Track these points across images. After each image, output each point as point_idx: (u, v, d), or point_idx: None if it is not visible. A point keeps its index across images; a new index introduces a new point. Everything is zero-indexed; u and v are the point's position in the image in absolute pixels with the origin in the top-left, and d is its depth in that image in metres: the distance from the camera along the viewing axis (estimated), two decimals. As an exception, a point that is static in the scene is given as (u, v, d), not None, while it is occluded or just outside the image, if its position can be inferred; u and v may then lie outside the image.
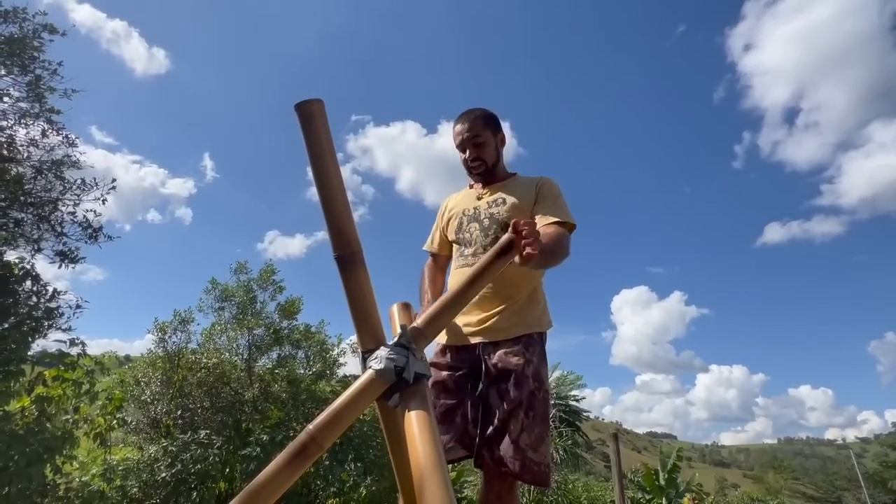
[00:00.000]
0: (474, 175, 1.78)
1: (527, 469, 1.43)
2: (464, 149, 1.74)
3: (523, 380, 1.52)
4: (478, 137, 1.72)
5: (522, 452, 1.44)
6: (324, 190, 0.90)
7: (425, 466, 0.74)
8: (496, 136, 1.77)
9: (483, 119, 1.75)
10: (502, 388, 1.51)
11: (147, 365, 7.15)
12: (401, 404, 0.85)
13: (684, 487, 8.50)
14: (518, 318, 1.60)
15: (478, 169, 1.74)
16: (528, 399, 1.50)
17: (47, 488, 3.90)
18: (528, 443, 1.46)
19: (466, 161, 1.75)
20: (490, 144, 1.75)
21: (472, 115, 1.75)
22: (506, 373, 1.52)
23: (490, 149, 1.75)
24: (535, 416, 1.49)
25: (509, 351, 1.54)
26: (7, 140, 4.46)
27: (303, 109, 0.88)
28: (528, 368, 1.54)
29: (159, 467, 5.36)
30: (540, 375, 1.56)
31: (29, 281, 4.21)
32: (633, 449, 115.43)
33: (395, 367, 0.85)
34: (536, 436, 1.48)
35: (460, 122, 1.75)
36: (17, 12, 4.51)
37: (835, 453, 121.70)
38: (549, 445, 1.54)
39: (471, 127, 1.72)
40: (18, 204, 4.44)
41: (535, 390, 1.52)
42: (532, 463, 1.45)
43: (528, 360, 1.55)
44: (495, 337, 1.57)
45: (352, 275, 0.90)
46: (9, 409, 3.90)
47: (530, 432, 1.47)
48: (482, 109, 1.78)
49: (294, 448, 0.78)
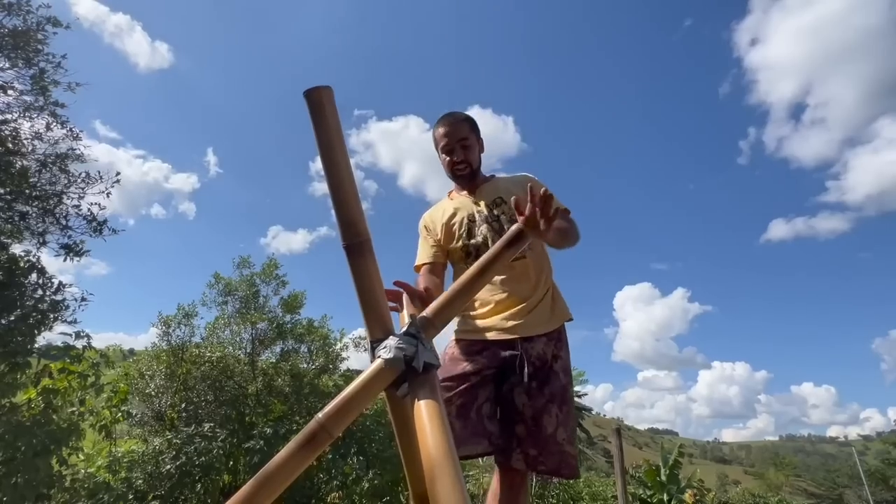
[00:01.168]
0: (458, 178, 1.75)
1: (565, 464, 1.45)
2: (450, 151, 1.70)
3: (553, 375, 1.53)
4: (465, 140, 1.70)
5: (560, 447, 1.46)
6: (333, 178, 0.89)
7: (436, 456, 0.74)
8: (479, 141, 1.76)
9: (469, 122, 1.74)
10: (533, 384, 1.50)
11: (151, 358, 7.20)
12: (410, 394, 0.84)
13: (685, 483, 8.50)
14: (550, 313, 1.62)
15: (462, 171, 1.71)
16: (560, 393, 1.51)
17: (54, 479, 3.93)
18: (565, 437, 1.48)
19: (451, 163, 1.71)
20: (475, 148, 1.73)
21: (458, 118, 1.73)
22: (539, 368, 1.53)
23: (475, 152, 1.74)
24: (568, 411, 1.52)
25: (544, 346, 1.56)
26: (12, 133, 4.46)
27: (312, 96, 0.87)
28: (558, 363, 1.56)
29: (164, 460, 5.40)
30: (568, 369, 1.59)
31: (34, 274, 4.23)
32: (635, 445, 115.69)
33: (405, 356, 0.84)
34: (571, 429, 1.51)
35: (445, 124, 1.72)
36: (21, 5, 4.51)
37: (837, 451, 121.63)
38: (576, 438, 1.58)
39: (458, 129, 1.70)
40: (23, 197, 4.45)
41: (566, 384, 1.54)
42: (569, 457, 1.47)
43: (556, 355, 1.57)
44: (529, 331, 1.56)
45: (361, 264, 0.89)
46: (15, 400, 3.93)
47: (566, 426, 1.49)
48: (464, 113, 1.76)
49: (304, 436, 0.78)
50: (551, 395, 1.50)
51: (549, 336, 1.58)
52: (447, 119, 1.73)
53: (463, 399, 1.50)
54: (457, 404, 1.49)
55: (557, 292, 1.70)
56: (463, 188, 1.78)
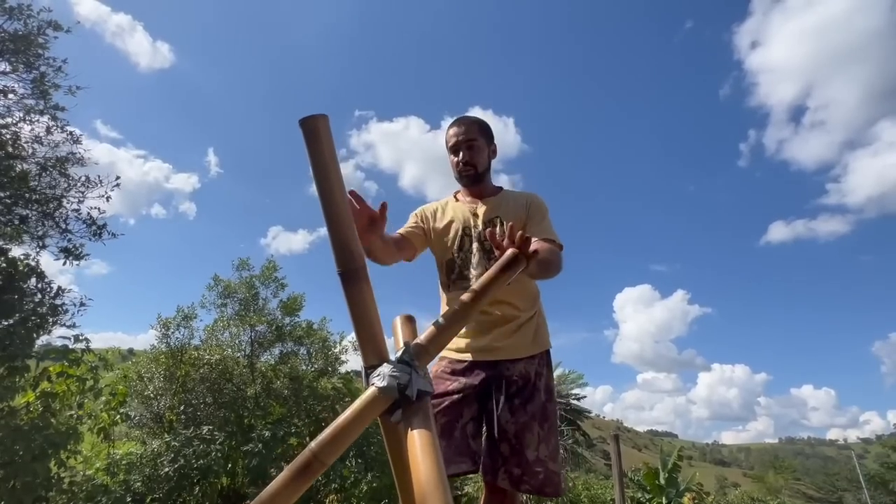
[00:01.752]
0: (462, 178, 1.74)
1: (549, 481, 1.46)
2: (457, 150, 1.72)
3: (536, 393, 1.55)
4: (473, 141, 1.71)
5: (543, 464, 1.46)
6: (328, 206, 0.89)
7: (427, 484, 0.74)
8: (489, 147, 1.76)
9: (479, 126, 1.75)
10: (515, 403, 1.52)
11: (150, 360, 7.20)
12: (403, 421, 0.85)
13: (684, 486, 8.50)
14: (534, 336, 1.63)
15: (467, 172, 1.71)
16: (541, 411, 1.53)
17: (52, 482, 3.93)
18: (547, 454, 1.48)
19: (457, 163, 1.72)
20: (483, 151, 1.73)
21: (468, 120, 1.75)
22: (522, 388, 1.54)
23: (483, 155, 1.74)
24: (549, 428, 1.52)
25: (526, 365, 1.58)
26: (12, 137, 4.47)
27: (307, 125, 0.88)
28: (540, 381, 1.58)
29: (162, 462, 5.40)
30: (550, 388, 1.60)
31: (34, 278, 4.24)
32: (634, 447, 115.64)
33: (398, 384, 0.85)
34: (553, 446, 1.52)
35: (456, 125, 1.74)
36: (23, 9, 4.51)
37: (836, 454, 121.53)
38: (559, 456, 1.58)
39: (467, 130, 1.71)
40: (23, 201, 4.46)
41: (546, 402, 1.56)
42: (553, 474, 1.48)
43: (538, 373, 1.59)
44: (511, 355, 1.58)
45: (355, 291, 0.90)
46: (14, 404, 3.93)
47: (548, 444, 1.50)
48: (479, 118, 1.78)
49: (297, 465, 0.78)
50: (533, 413, 1.51)
51: (532, 357, 1.60)
52: (459, 120, 1.75)
53: (447, 417, 1.51)
54: (441, 423, 1.49)
55: (542, 319, 1.71)
56: (468, 193, 1.78)
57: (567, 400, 14.99)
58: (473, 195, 1.77)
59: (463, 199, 1.79)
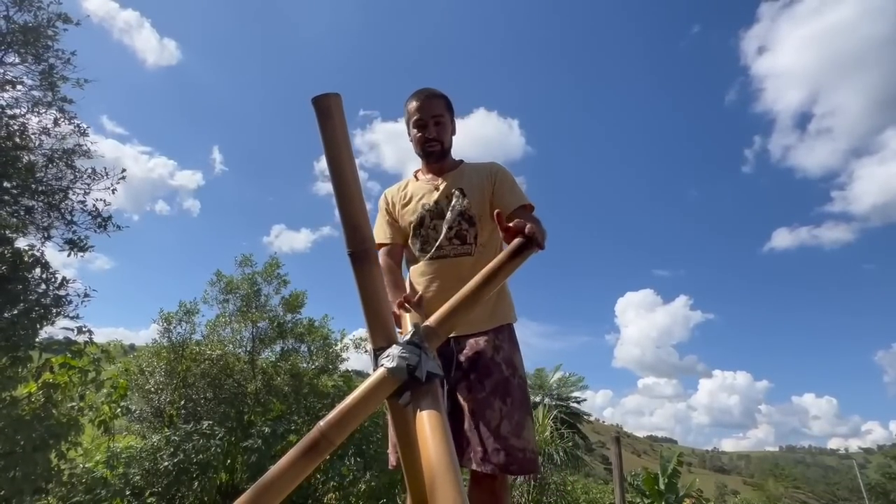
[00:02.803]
0: (427, 155, 1.70)
1: (512, 458, 1.37)
2: (423, 126, 1.66)
3: (494, 367, 1.47)
4: (440, 117, 1.66)
5: (504, 440, 1.38)
6: (339, 186, 0.89)
7: (437, 466, 0.74)
8: (452, 123, 1.73)
9: (445, 100, 1.70)
10: (472, 378, 1.46)
11: (152, 355, 7.21)
12: (412, 403, 0.84)
13: (684, 492, 8.46)
14: (489, 312, 1.57)
15: (433, 148, 1.67)
16: (503, 386, 1.45)
17: (52, 474, 3.93)
18: (510, 430, 1.40)
19: (422, 139, 1.67)
20: (448, 128, 1.70)
21: (433, 93, 1.68)
22: (475, 363, 1.48)
23: (448, 132, 1.70)
24: (513, 402, 1.44)
25: (478, 340, 1.52)
26: (20, 128, 4.49)
27: (320, 104, 0.88)
28: (499, 355, 1.50)
29: (162, 456, 5.39)
30: (513, 362, 1.52)
31: (38, 268, 4.24)
32: (634, 452, 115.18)
33: (408, 365, 0.84)
34: (517, 422, 1.42)
35: (419, 98, 1.67)
36: (32, 0, 4.54)
37: (837, 463, 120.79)
38: (532, 430, 1.48)
39: (434, 105, 1.66)
40: (30, 192, 4.47)
41: (509, 376, 1.48)
42: (516, 450, 1.38)
43: (497, 346, 1.51)
44: (466, 330, 1.53)
45: (365, 272, 0.89)
46: (16, 394, 3.94)
47: (510, 419, 1.42)
48: (440, 91, 1.71)
49: (305, 444, 0.78)
50: (493, 388, 1.44)
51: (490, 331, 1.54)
52: (422, 93, 1.67)
53: None
54: None
55: (504, 293, 1.65)
56: (430, 169, 1.74)
57: (567, 403, 14.95)
58: (433, 172, 1.73)
59: (423, 176, 1.76)
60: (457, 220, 1.60)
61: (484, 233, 1.62)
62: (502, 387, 1.45)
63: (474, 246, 1.60)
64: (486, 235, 1.62)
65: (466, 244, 1.60)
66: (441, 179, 1.69)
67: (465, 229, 1.60)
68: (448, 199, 1.64)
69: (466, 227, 1.60)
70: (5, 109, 4.48)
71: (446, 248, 1.60)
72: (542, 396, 14.96)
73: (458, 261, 1.59)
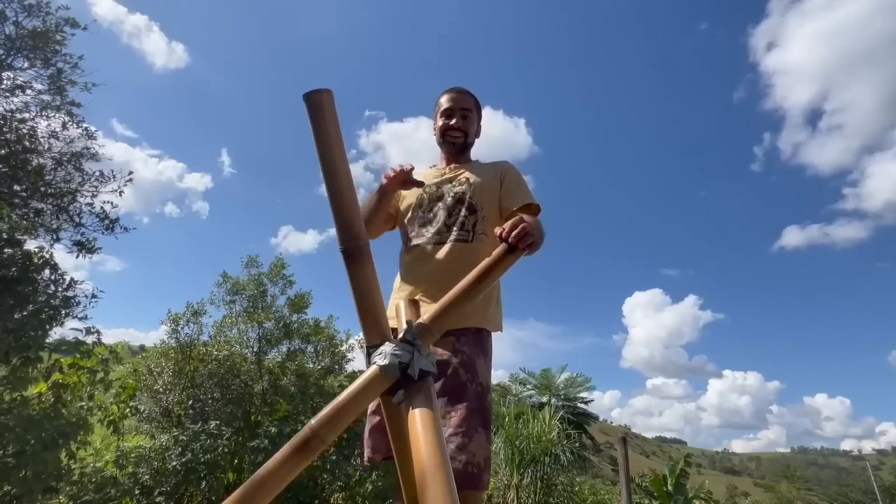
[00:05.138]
0: (448, 143, 1.73)
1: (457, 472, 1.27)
2: (450, 116, 1.71)
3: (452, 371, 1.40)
4: (467, 111, 1.72)
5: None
6: (331, 182, 0.89)
7: (428, 464, 0.73)
8: (478, 123, 1.78)
9: (475, 100, 1.77)
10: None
11: (160, 355, 7.28)
12: (405, 401, 0.84)
13: (693, 494, 8.37)
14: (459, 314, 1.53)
15: (456, 138, 1.71)
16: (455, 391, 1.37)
17: (62, 473, 3.98)
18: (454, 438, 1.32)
19: (446, 126, 1.71)
20: (475, 123, 1.75)
21: (466, 90, 1.76)
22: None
23: (473, 127, 1.75)
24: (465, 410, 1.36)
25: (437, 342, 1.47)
26: (29, 132, 4.56)
27: (311, 99, 0.88)
28: (457, 358, 1.41)
29: (170, 456, 5.44)
30: (474, 366, 1.43)
31: (47, 270, 4.30)
32: (642, 453, 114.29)
33: (400, 363, 0.84)
34: (463, 431, 1.33)
35: (453, 91, 1.74)
36: (41, 6, 4.61)
37: (850, 465, 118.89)
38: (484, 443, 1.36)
39: (464, 99, 1.73)
40: (39, 194, 4.54)
41: (466, 382, 1.39)
42: (455, 461, 1.29)
43: (458, 349, 1.43)
44: None
45: (358, 268, 0.89)
46: (27, 394, 3.99)
47: (457, 427, 1.33)
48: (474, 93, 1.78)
49: (296, 442, 0.78)
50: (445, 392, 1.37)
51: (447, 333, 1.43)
52: (455, 88, 1.76)
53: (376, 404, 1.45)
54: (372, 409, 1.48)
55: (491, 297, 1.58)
56: (447, 161, 1.77)
57: (574, 403, 14.86)
58: (452, 162, 1.76)
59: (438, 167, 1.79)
60: (456, 207, 1.61)
61: (487, 224, 1.60)
62: (454, 392, 1.37)
63: (472, 233, 1.58)
64: (490, 226, 1.60)
65: (464, 230, 1.59)
66: (450, 168, 1.73)
67: (465, 216, 1.60)
68: (451, 184, 1.66)
69: (466, 213, 1.60)
70: (15, 113, 4.56)
71: (444, 234, 1.60)
72: (548, 397, 14.89)
73: (454, 246, 1.57)
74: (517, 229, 1.03)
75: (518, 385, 15.30)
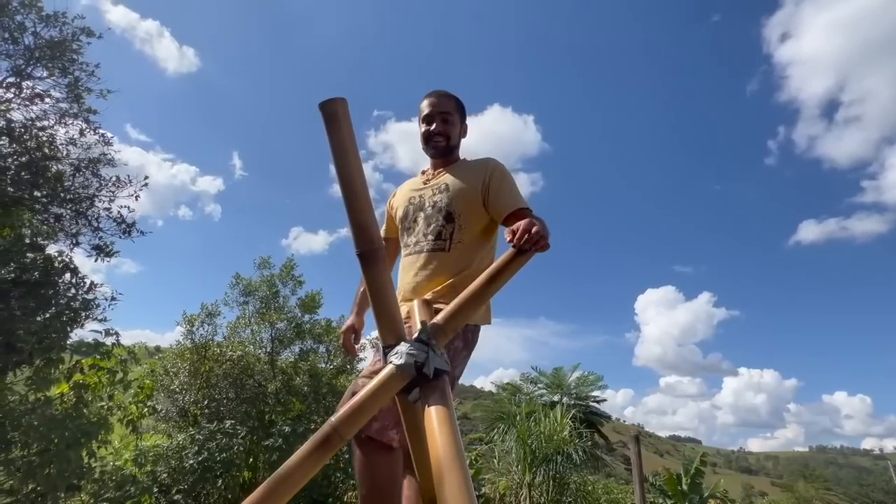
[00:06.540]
0: (431, 148, 1.74)
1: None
2: (430, 121, 1.72)
3: None
4: (447, 115, 1.72)
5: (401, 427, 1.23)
6: (347, 188, 0.91)
7: (445, 461, 0.75)
8: (461, 124, 1.78)
9: (456, 101, 1.77)
10: None
11: (176, 356, 7.41)
12: (420, 399, 0.86)
13: (708, 493, 8.28)
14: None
15: (438, 142, 1.71)
16: None
17: (84, 471, 4.09)
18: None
19: (428, 133, 1.72)
20: (457, 126, 1.75)
21: (445, 94, 1.76)
22: None
23: (456, 129, 1.75)
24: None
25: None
26: (48, 139, 4.68)
27: (327, 108, 0.90)
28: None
29: (187, 455, 5.55)
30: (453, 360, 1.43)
31: (68, 273, 4.42)
32: (656, 452, 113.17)
33: (416, 362, 0.86)
34: None
35: (432, 96, 1.75)
36: (58, 16, 4.73)
37: (871, 464, 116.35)
38: None
39: (443, 103, 1.73)
40: (58, 200, 4.67)
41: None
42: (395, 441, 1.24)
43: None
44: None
45: (374, 271, 0.92)
46: (49, 394, 4.11)
47: None
48: (452, 93, 1.78)
49: (317, 439, 0.81)
50: None
51: None
52: (434, 93, 1.76)
53: None
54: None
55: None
56: (433, 165, 1.79)
57: (586, 402, 14.78)
58: (434, 168, 1.78)
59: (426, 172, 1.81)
60: (434, 216, 1.62)
61: (464, 231, 1.59)
62: None
63: (449, 242, 1.58)
64: (468, 234, 1.59)
65: (440, 240, 1.59)
66: (434, 175, 1.74)
67: (442, 225, 1.60)
68: (431, 192, 1.67)
69: (443, 223, 1.60)
70: (35, 122, 4.69)
71: (422, 243, 1.62)
72: (560, 396, 14.83)
73: (431, 256, 1.58)
74: (528, 235, 1.04)
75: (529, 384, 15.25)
